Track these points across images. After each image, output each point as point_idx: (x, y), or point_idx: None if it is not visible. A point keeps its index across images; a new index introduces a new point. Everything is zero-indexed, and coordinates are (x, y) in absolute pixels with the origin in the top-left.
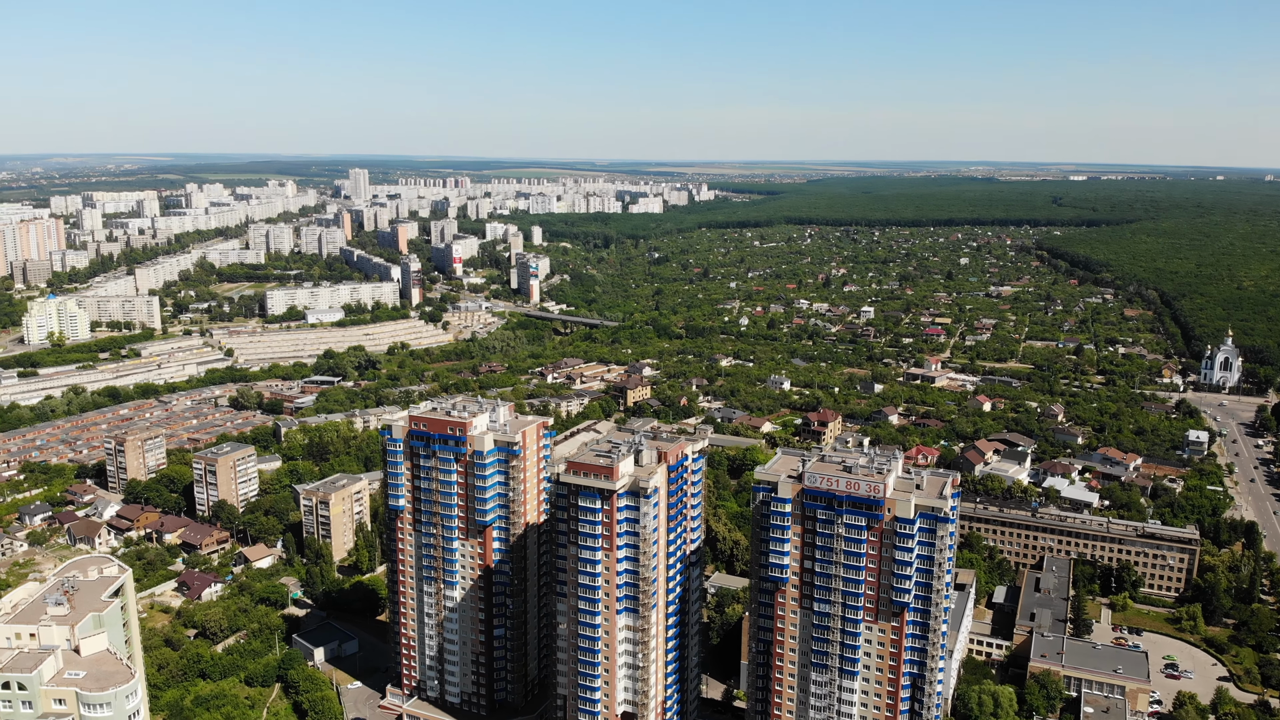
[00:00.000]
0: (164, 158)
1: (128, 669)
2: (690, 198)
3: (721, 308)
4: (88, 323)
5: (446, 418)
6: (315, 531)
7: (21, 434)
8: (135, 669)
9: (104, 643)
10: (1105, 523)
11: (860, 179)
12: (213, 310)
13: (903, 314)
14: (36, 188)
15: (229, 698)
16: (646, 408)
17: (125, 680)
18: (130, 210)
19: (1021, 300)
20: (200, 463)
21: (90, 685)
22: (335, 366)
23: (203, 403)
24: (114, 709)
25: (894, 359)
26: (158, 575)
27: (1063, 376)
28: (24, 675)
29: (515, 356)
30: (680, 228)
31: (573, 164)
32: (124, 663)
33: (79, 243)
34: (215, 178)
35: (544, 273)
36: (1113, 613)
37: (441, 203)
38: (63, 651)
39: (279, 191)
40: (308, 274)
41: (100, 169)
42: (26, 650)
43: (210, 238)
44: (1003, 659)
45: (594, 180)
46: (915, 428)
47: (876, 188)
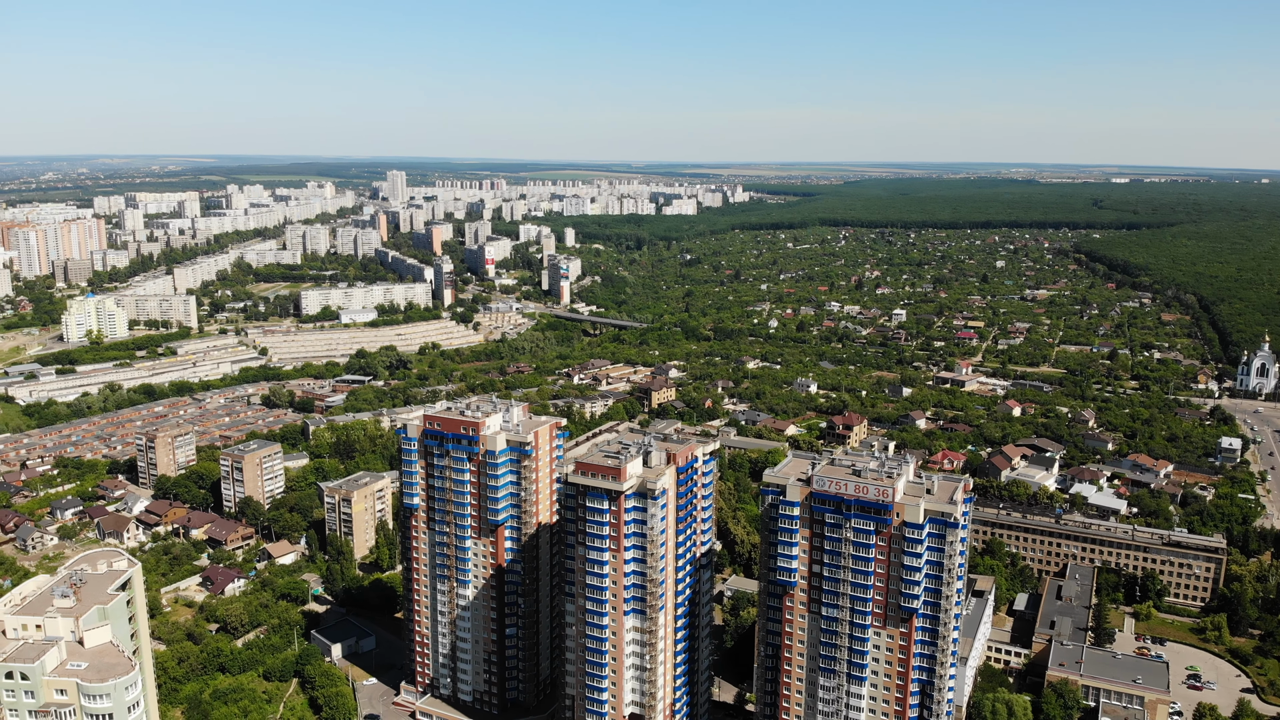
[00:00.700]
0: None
1: (129, 661)
2: (724, 199)
3: (751, 310)
4: (126, 321)
5: (460, 417)
6: (338, 529)
7: (58, 430)
8: (137, 661)
9: (107, 635)
10: (1130, 530)
11: (898, 180)
12: (248, 310)
13: (935, 317)
14: (81, 188)
15: (246, 692)
16: (670, 409)
17: (126, 672)
18: (172, 211)
19: (1057, 304)
20: (227, 460)
21: (91, 676)
22: (366, 366)
23: (236, 401)
24: (113, 700)
25: (924, 362)
26: (183, 570)
27: (1095, 381)
28: (27, 665)
29: (543, 357)
30: (713, 229)
31: (608, 166)
32: (126, 655)
33: (119, 242)
34: (256, 179)
35: (575, 274)
36: (1136, 622)
37: (477, 204)
38: (66, 643)
39: (317, 193)
40: (343, 274)
41: (144, 170)
42: (31, 641)
43: (249, 238)
44: (1021, 667)
45: (628, 182)
46: (942, 432)
47: (914, 189)
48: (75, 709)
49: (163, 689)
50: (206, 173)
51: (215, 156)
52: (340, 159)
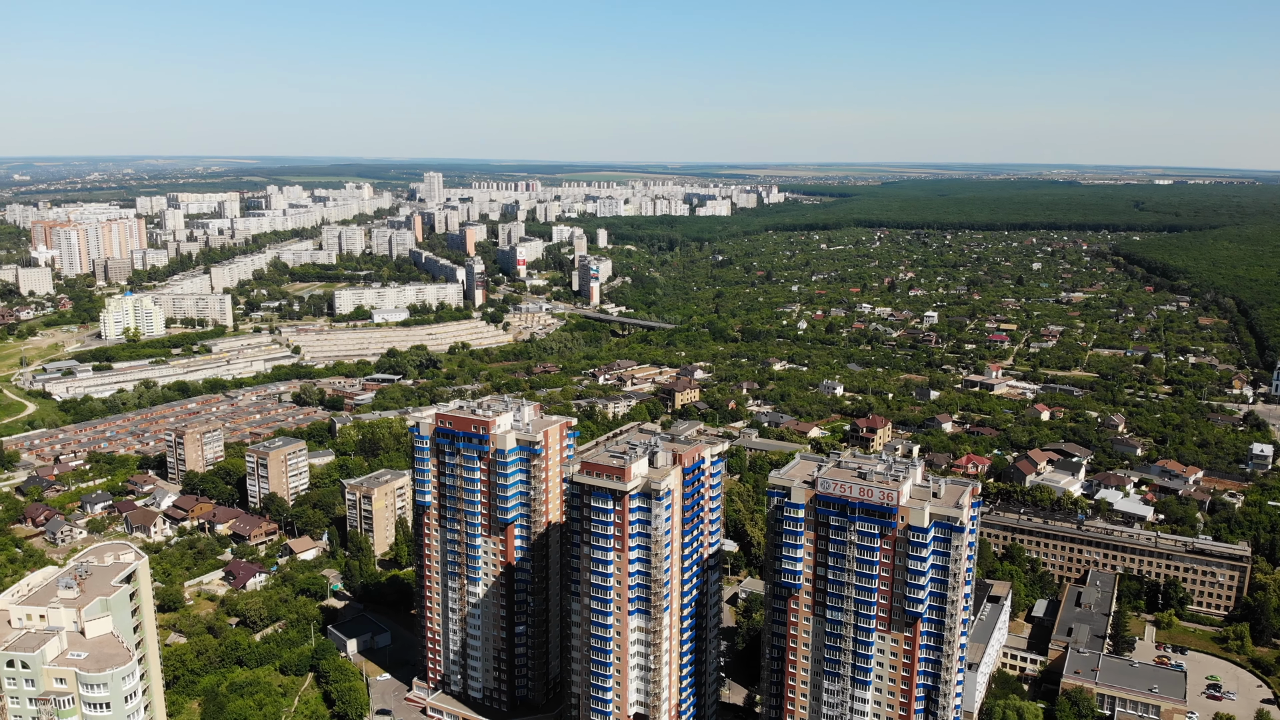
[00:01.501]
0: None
1: (127, 651)
2: (759, 200)
3: (781, 311)
4: (162, 319)
5: (471, 416)
6: (358, 525)
7: (93, 425)
8: (142, 652)
9: (108, 626)
10: (1153, 537)
11: (936, 181)
12: (283, 309)
13: (968, 319)
14: (126, 188)
15: (262, 685)
16: (693, 410)
17: (123, 662)
18: (212, 211)
19: (1092, 307)
20: (252, 456)
21: (90, 666)
22: (396, 365)
23: (267, 398)
24: (110, 689)
25: (954, 365)
26: (206, 564)
27: (1127, 386)
28: (27, 654)
29: (570, 357)
30: (746, 230)
31: (645, 167)
32: (125, 646)
33: (159, 242)
34: (296, 180)
35: (605, 275)
36: (1157, 630)
37: (512, 206)
38: (67, 633)
39: (355, 194)
40: (376, 274)
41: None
42: (33, 631)
43: (287, 238)
44: (1037, 674)
45: (663, 183)
46: (968, 436)
47: (952, 190)
48: (74, 698)
49: (180, 681)
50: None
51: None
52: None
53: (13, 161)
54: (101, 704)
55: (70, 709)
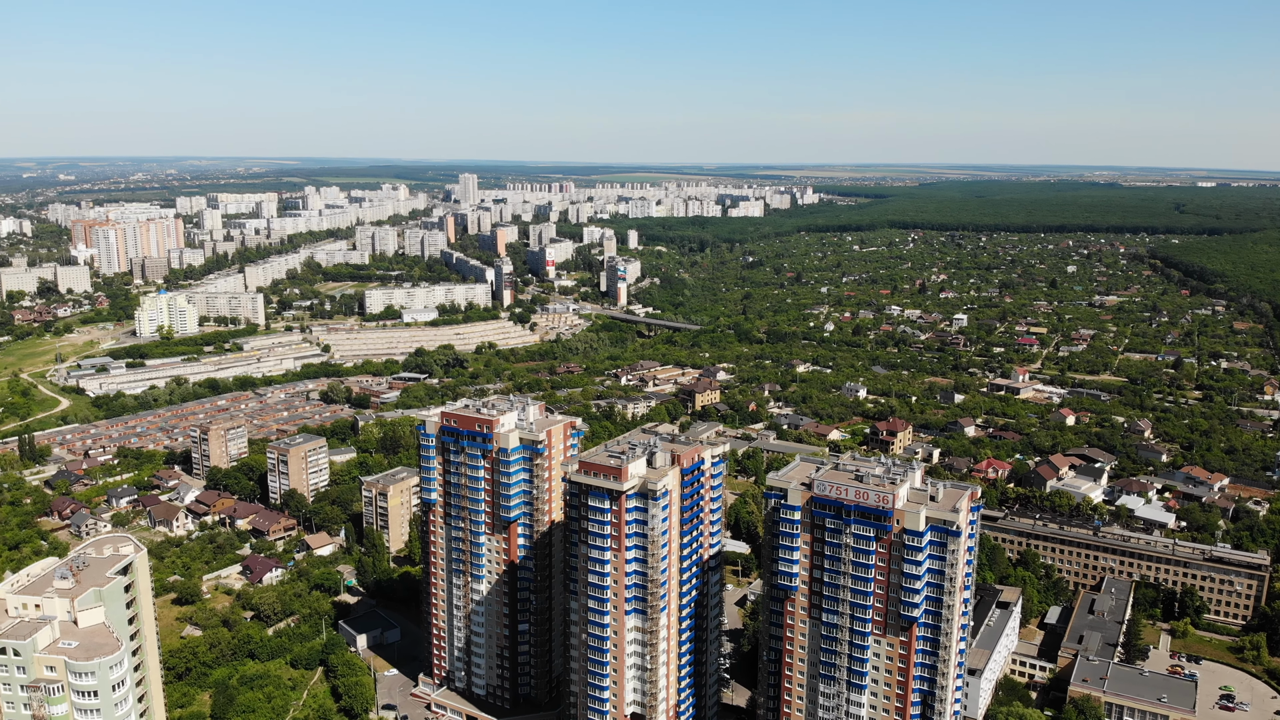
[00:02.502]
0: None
1: (116, 641)
2: (793, 201)
3: (809, 313)
4: (196, 317)
5: (475, 415)
6: (374, 522)
7: (124, 421)
8: (131, 643)
9: (100, 616)
10: (1171, 544)
11: (975, 183)
12: (314, 308)
13: (998, 323)
14: (168, 188)
15: (272, 678)
16: (713, 412)
17: (112, 651)
18: (250, 211)
19: (1126, 310)
20: (273, 453)
21: (79, 655)
22: (422, 364)
23: (296, 396)
24: (98, 678)
25: (981, 369)
26: (225, 558)
27: (1156, 391)
28: (19, 642)
29: (595, 358)
30: (779, 231)
31: (680, 168)
32: (115, 636)
33: (197, 241)
34: (334, 181)
35: (633, 276)
36: (1172, 639)
37: (544, 207)
38: (60, 622)
39: (391, 195)
40: (408, 275)
41: (230, 172)
42: (27, 620)
43: (322, 239)
44: (1046, 682)
45: (696, 184)
46: (990, 440)
47: (990, 192)
48: (63, 685)
49: (193, 673)
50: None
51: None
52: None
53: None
54: (90, 692)
55: (60, 697)
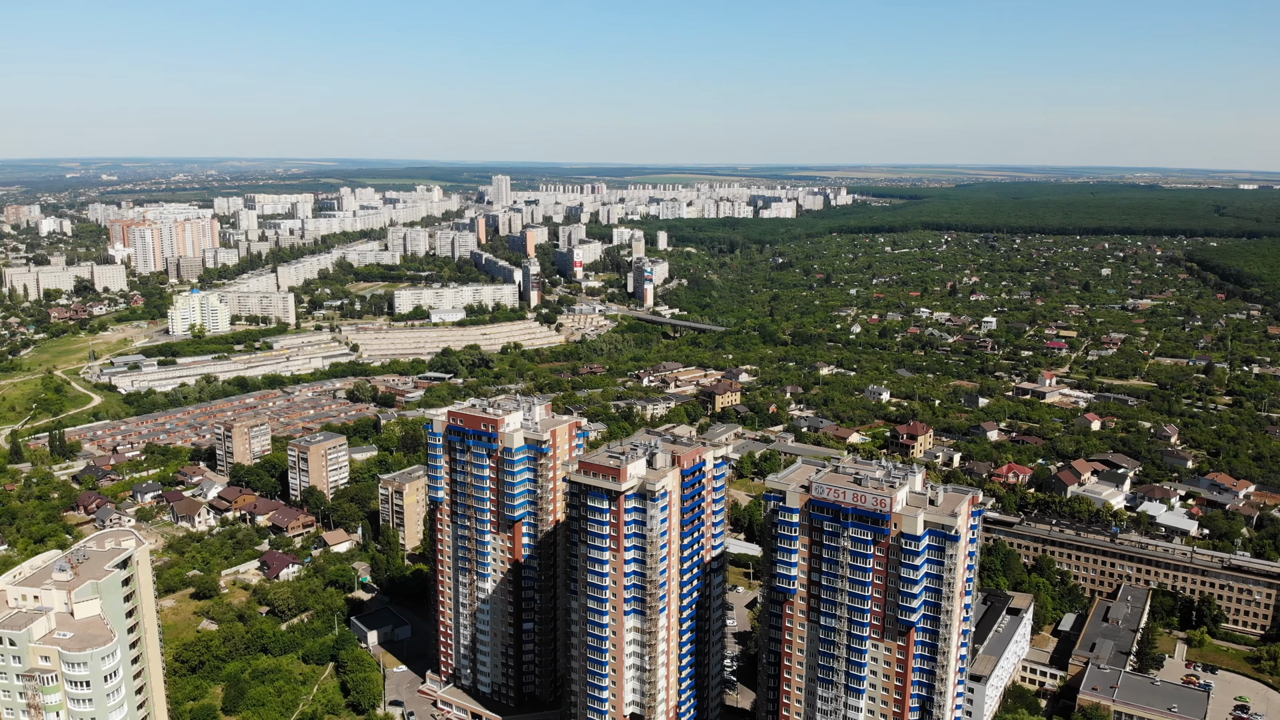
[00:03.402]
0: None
1: (110, 633)
2: (826, 202)
3: (836, 314)
4: (228, 316)
5: (481, 414)
6: (390, 519)
7: (154, 418)
8: (130, 635)
9: (96, 608)
10: (1189, 552)
11: (1012, 184)
12: (344, 307)
13: (1027, 326)
14: (208, 189)
15: (284, 673)
16: (732, 414)
17: (105, 643)
18: (286, 211)
19: (1159, 314)
20: (294, 450)
21: (73, 645)
22: (448, 364)
23: (323, 394)
24: (90, 669)
25: (1007, 372)
26: (244, 554)
27: (1186, 396)
28: (15, 632)
29: (619, 359)
30: (810, 233)
31: (714, 169)
32: (109, 627)
33: (232, 241)
34: (370, 182)
35: (660, 277)
36: (1188, 648)
37: (576, 208)
38: (56, 613)
39: (425, 196)
40: (438, 275)
41: (269, 173)
42: (24, 610)
43: (355, 239)
44: (1056, 690)
45: (729, 185)
46: (1013, 445)
47: (1028, 193)
48: (56, 675)
49: (206, 666)
50: (327, 175)
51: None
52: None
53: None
54: (82, 682)
55: (53, 686)
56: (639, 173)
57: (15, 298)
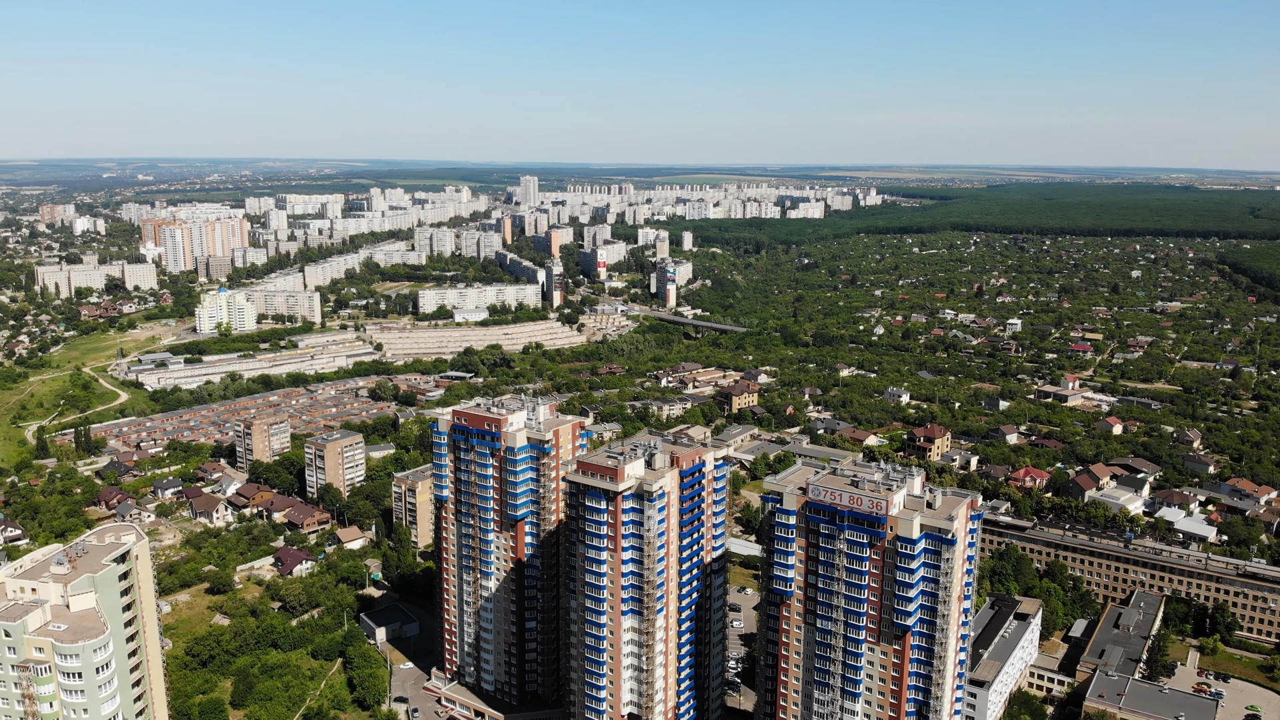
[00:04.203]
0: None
1: (103, 625)
2: (855, 202)
3: (860, 316)
4: (254, 315)
5: (485, 414)
6: (403, 517)
7: (178, 415)
8: (128, 629)
9: (91, 601)
10: (1204, 559)
11: (1045, 185)
12: (370, 307)
13: (1053, 328)
14: (241, 189)
15: (292, 668)
16: (749, 415)
17: (97, 635)
18: (316, 212)
19: (1188, 317)
20: (311, 448)
21: (66, 637)
22: (469, 363)
23: (345, 392)
24: (82, 660)
25: (1030, 375)
26: (259, 550)
27: (1211, 400)
28: (10, 624)
29: (639, 359)
30: (837, 233)
31: (743, 169)
32: (102, 620)
33: (261, 241)
34: (401, 182)
35: (684, 278)
36: (1201, 656)
37: (602, 209)
38: (52, 606)
39: (454, 197)
40: (462, 275)
41: (301, 173)
42: (21, 602)
43: (383, 239)
44: (1063, 696)
45: (756, 185)
46: (1031, 448)
47: (1060, 194)
48: (50, 666)
49: (216, 660)
50: (359, 176)
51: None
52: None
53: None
54: (74, 673)
55: (47, 676)
56: (667, 173)
57: (47, 296)
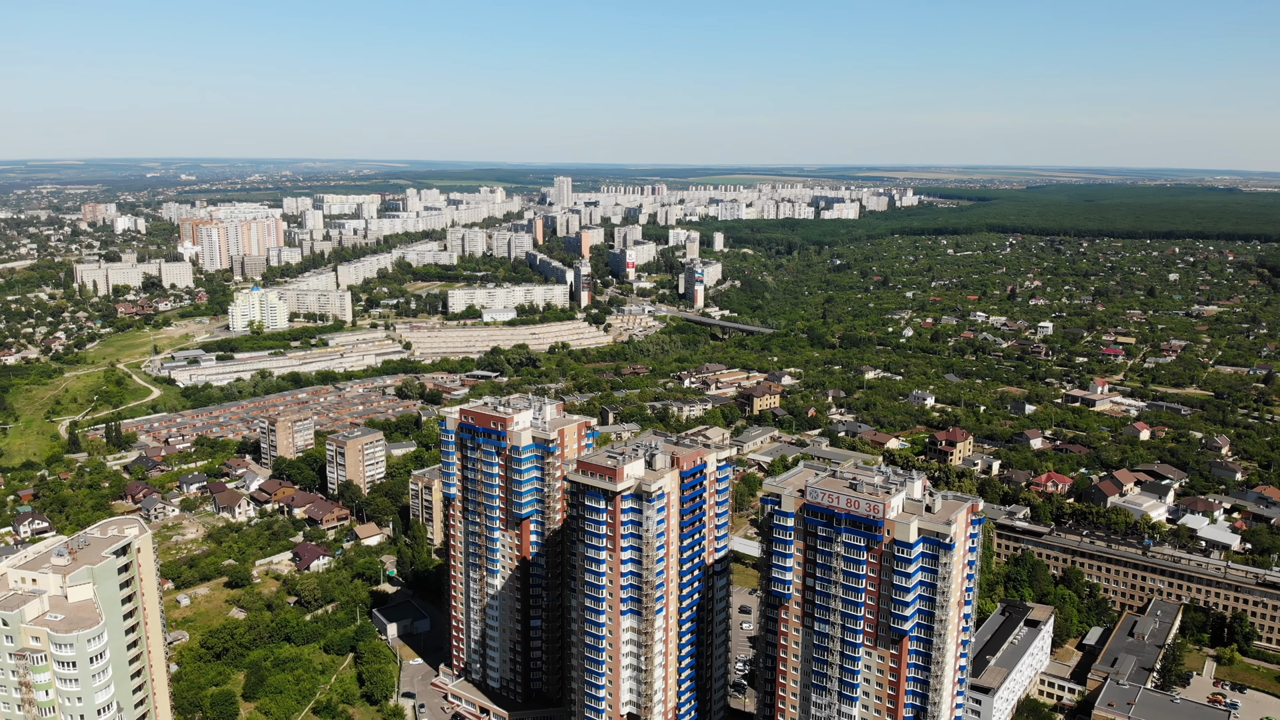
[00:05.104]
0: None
1: (98, 615)
2: (890, 203)
3: (889, 318)
4: (286, 313)
5: (491, 413)
6: (420, 514)
7: (208, 411)
8: (127, 621)
9: (89, 592)
10: (1223, 567)
11: (1086, 186)
12: (400, 306)
13: (1085, 331)
14: (281, 189)
15: (303, 662)
16: (769, 416)
17: (91, 625)
18: (352, 212)
19: (1223, 321)
20: (332, 445)
21: (62, 627)
22: (495, 363)
23: (373, 391)
24: (76, 650)
25: (1059, 379)
26: (279, 545)
27: (1242, 406)
28: (8, 613)
29: (664, 360)
30: (871, 234)
31: (779, 169)
32: (98, 611)
33: (297, 241)
34: (437, 183)
35: (713, 279)
36: (1217, 666)
37: (635, 209)
38: (50, 596)
39: (488, 198)
40: (492, 275)
41: (340, 173)
42: (20, 592)
43: (417, 239)
44: (1073, 704)
45: (791, 185)
46: (1055, 453)
47: (1100, 195)
48: (45, 655)
49: (230, 653)
50: (397, 177)
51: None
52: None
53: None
54: (69, 662)
55: (43, 665)
56: (702, 174)
57: (85, 293)
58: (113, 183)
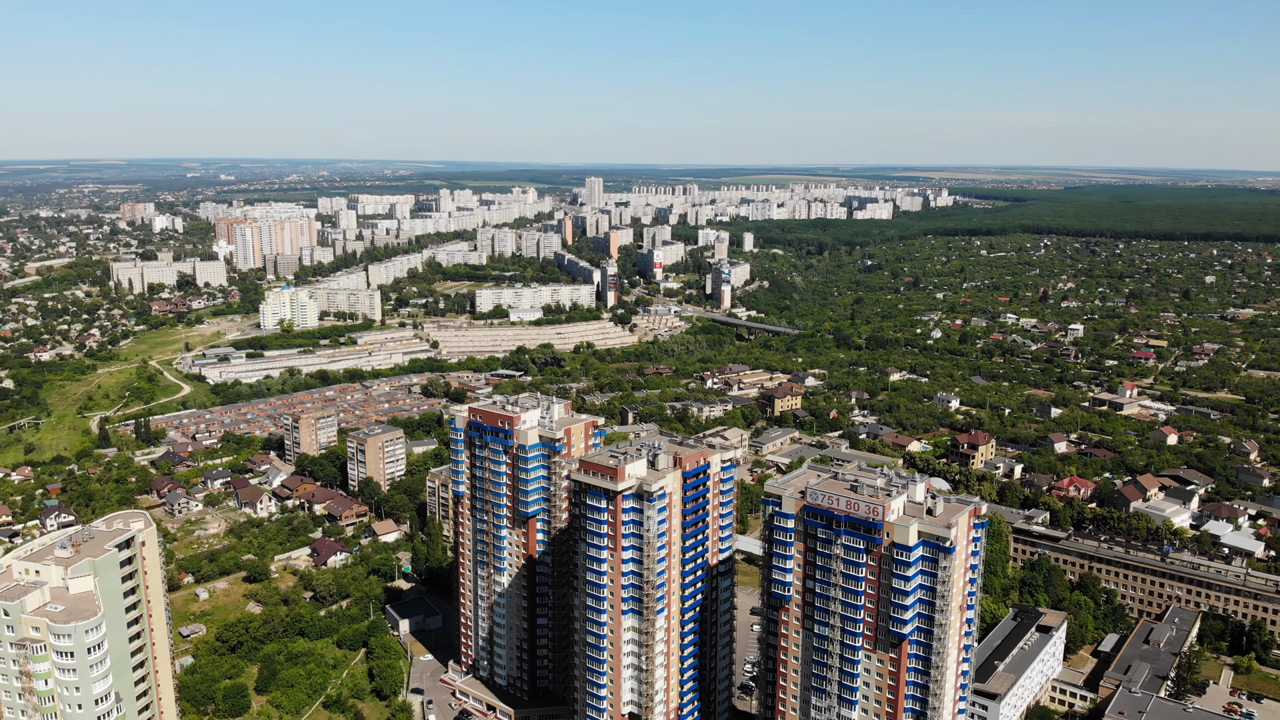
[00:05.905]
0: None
1: (97, 607)
2: (925, 203)
3: (918, 319)
4: (316, 312)
5: (499, 411)
6: (436, 511)
7: (237, 408)
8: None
9: (90, 584)
10: (1243, 574)
11: (1125, 187)
12: (429, 305)
13: (1116, 334)
14: (317, 189)
15: (316, 657)
16: (790, 418)
17: (89, 616)
18: (385, 212)
19: (1259, 324)
20: (353, 442)
21: (61, 618)
22: (520, 362)
23: (399, 389)
24: (74, 640)
25: (1087, 382)
26: (298, 540)
27: (1274, 411)
28: (9, 603)
29: (687, 360)
30: (904, 234)
31: (813, 169)
32: (98, 602)
33: (329, 240)
34: (469, 184)
35: (741, 279)
36: (1235, 674)
37: (665, 209)
38: (52, 587)
39: (520, 198)
40: (520, 275)
41: (377, 174)
42: (22, 583)
43: (449, 239)
44: (1085, 712)
45: (824, 185)
46: (1079, 457)
47: (1139, 197)
48: (45, 645)
49: (244, 646)
50: (432, 177)
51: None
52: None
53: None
54: (67, 653)
55: (42, 655)
56: (735, 174)
57: (120, 291)
58: (153, 182)
